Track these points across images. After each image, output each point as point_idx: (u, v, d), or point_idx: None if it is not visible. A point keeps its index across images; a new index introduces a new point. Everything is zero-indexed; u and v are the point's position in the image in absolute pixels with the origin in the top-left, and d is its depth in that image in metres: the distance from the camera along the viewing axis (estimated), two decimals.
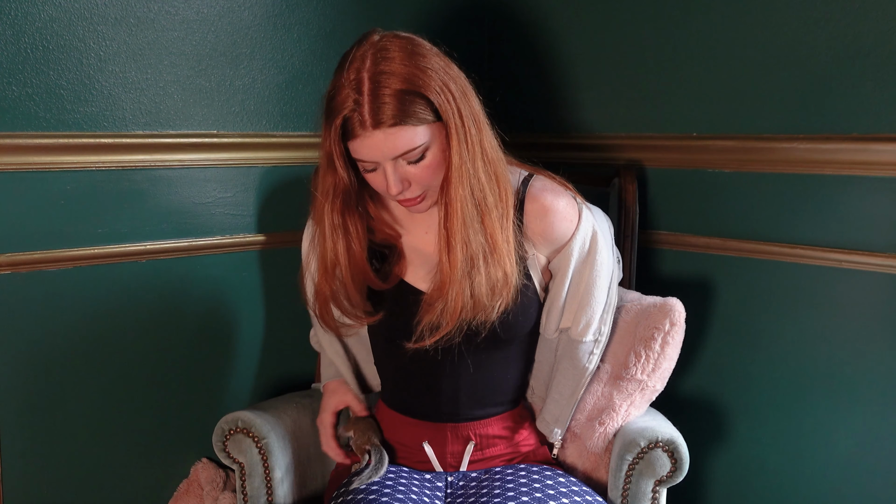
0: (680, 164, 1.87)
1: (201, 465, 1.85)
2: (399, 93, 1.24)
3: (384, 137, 1.26)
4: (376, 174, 1.32)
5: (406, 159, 1.29)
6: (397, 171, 1.30)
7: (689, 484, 1.58)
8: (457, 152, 1.30)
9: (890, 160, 1.56)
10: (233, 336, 1.89)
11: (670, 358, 1.54)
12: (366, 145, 1.27)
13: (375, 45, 1.27)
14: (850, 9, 1.58)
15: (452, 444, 1.51)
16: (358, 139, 1.27)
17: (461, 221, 1.32)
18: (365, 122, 1.25)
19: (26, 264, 1.60)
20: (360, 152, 1.29)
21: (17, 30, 1.54)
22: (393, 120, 1.24)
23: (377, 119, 1.24)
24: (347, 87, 1.26)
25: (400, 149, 1.27)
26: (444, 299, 1.35)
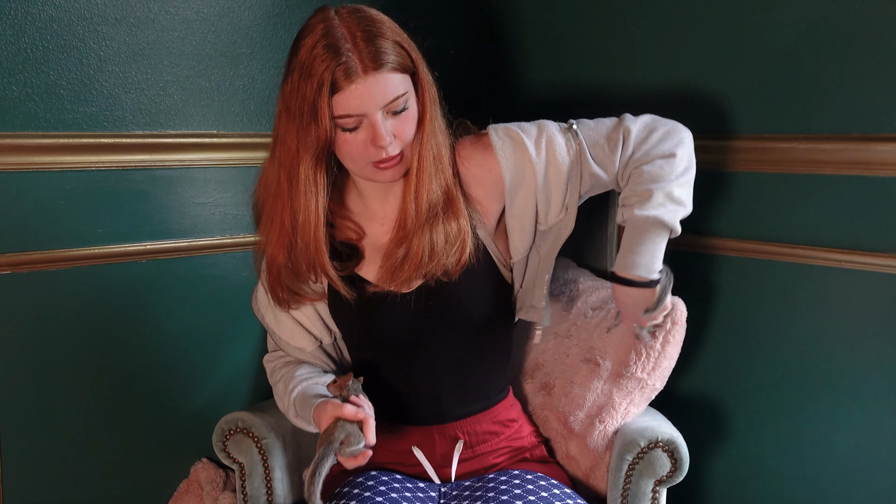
0: None
1: (201, 465, 1.85)
2: (384, 39, 1.27)
3: (375, 83, 1.26)
4: (357, 133, 1.30)
5: (391, 108, 1.29)
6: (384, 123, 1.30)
7: (689, 484, 1.58)
8: (429, 105, 1.34)
9: (890, 160, 1.56)
10: (233, 336, 1.89)
11: (671, 357, 1.54)
12: (358, 94, 1.26)
13: (337, 10, 1.29)
14: (851, 9, 1.58)
15: (441, 445, 1.50)
16: (349, 88, 1.25)
17: (429, 172, 1.36)
18: (355, 69, 1.24)
19: (26, 264, 1.60)
20: (348, 103, 1.26)
21: (17, 30, 1.54)
22: (380, 63, 1.25)
23: (366, 64, 1.25)
24: (325, 42, 1.25)
25: (389, 95, 1.27)
26: (407, 246, 1.37)
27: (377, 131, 1.28)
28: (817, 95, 1.65)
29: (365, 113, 1.27)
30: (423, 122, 1.34)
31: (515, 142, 1.41)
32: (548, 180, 1.41)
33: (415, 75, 1.32)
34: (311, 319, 1.51)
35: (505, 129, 1.43)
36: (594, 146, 1.41)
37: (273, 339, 1.56)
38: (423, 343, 1.46)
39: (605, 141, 1.41)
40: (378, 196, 1.44)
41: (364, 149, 1.31)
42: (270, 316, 1.53)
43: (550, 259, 1.48)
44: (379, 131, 1.28)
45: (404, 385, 1.50)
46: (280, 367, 1.54)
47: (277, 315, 1.51)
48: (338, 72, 1.24)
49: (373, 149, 1.30)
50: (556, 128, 1.43)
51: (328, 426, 1.30)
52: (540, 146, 1.41)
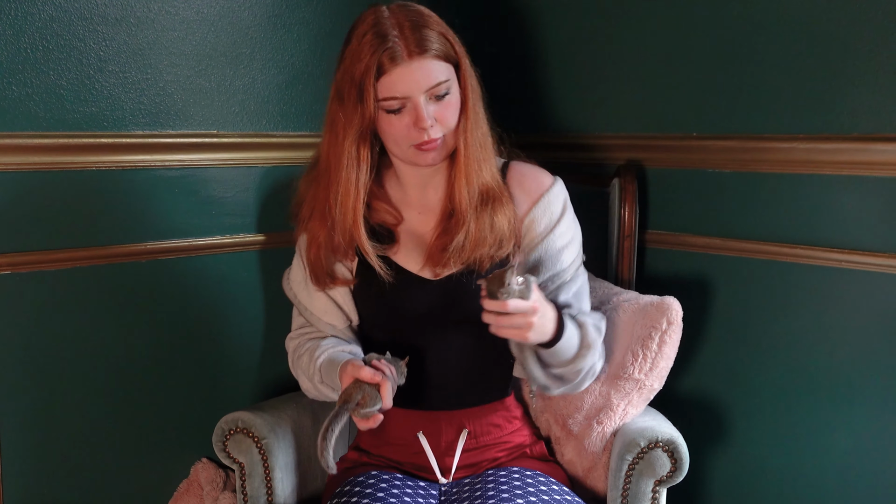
0: (680, 164, 1.87)
1: (201, 465, 1.85)
2: (429, 29, 1.37)
3: (419, 67, 1.35)
4: (401, 116, 1.38)
5: (434, 93, 1.37)
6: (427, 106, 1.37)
7: (689, 484, 1.58)
8: (471, 94, 1.42)
9: (890, 160, 1.56)
10: (233, 336, 1.89)
11: (668, 357, 1.54)
12: (402, 77, 1.34)
13: (394, 5, 1.40)
14: (851, 9, 1.58)
15: (446, 432, 1.52)
16: (394, 71, 1.34)
17: (475, 158, 1.45)
18: (400, 54, 1.34)
19: (26, 264, 1.60)
20: (394, 86, 1.35)
21: (17, 30, 1.54)
22: (424, 49, 1.35)
23: (414, 49, 1.34)
24: (375, 31, 1.35)
25: (432, 80, 1.36)
26: (466, 228, 1.44)
27: (419, 113, 1.36)
28: (817, 95, 1.65)
29: (408, 95, 1.36)
30: (466, 110, 1.42)
31: (558, 213, 1.51)
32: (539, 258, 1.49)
33: (458, 66, 1.41)
34: (344, 299, 1.56)
35: (565, 197, 1.54)
36: (571, 287, 1.50)
37: (304, 315, 1.60)
38: (440, 330, 1.51)
39: (581, 293, 1.52)
40: (418, 184, 1.52)
41: (407, 131, 1.38)
42: (304, 293, 1.58)
43: None
44: (421, 113, 1.36)
45: (416, 368, 1.51)
46: (304, 342, 1.59)
47: (311, 292, 1.56)
48: (384, 56, 1.34)
49: (415, 131, 1.38)
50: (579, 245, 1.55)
51: (347, 386, 1.34)
52: (564, 235, 1.51)
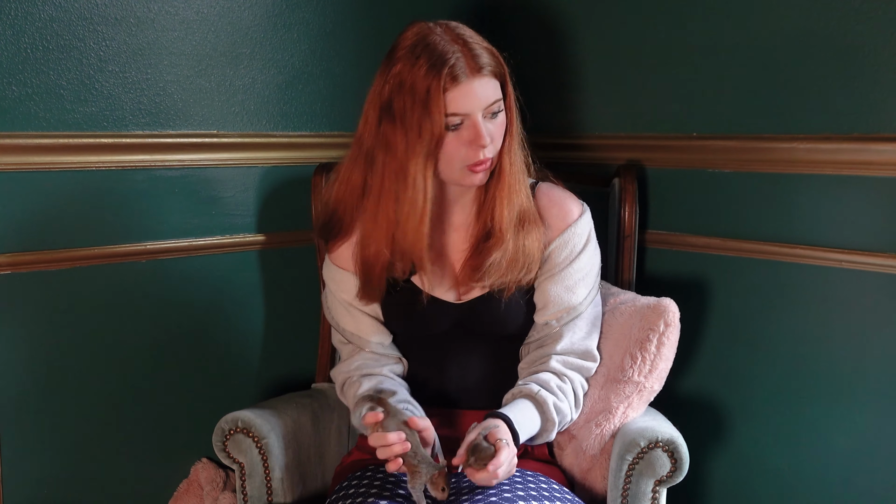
0: (680, 164, 1.87)
1: (201, 465, 1.85)
2: (482, 47, 1.38)
3: (480, 85, 1.36)
4: (458, 133, 1.37)
5: (490, 111, 1.38)
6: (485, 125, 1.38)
7: (689, 484, 1.58)
8: (514, 113, 1.44)
9: (890, 160, 1.56)
10: (233, 336, 1.89)
11: (666, 358, 1.54)
12: (464, 93, 1.34)
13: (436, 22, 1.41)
14: (851, 9, 1.58)
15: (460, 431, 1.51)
16: (457, 88, 1.34)
17: (517, 178, 1.46)
18: (463, 70, 1.34)
19: (26, 264, 1.60)
20: (456, 101, 1.34)
21: (17, 30, 1.54)
22: (485, 67, 1.36)
23: (476, 65, 1.35)
24: (437, 44, 1.35)
25: (491, 97, 1.37)
26: (504, 248, 1.44)
27: (479, 131, 1.37)
28: (817, 95, 1.64)
29: (469, 112, 1.36)
30: (511, 129, 1.44)
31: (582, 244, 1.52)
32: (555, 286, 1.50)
33: (504, 84, 1.42)
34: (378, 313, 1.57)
35: (590, 229, 1.55)
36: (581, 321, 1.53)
37: (352, 340, 1.58)
38: (460, 343, 1.54)
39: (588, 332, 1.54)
40: (447, 204, 1.50)
41: (462, 150, 1.38)
42: (348, 318, 1.57)
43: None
44: (481, 131, 1.37)
45: (434, 373, 1.56)
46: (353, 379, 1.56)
47: (354, 315, 1.56)
48: (448, 72, 1.34)
49: (471, 150, 1.38)
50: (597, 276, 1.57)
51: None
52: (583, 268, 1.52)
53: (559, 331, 1.51)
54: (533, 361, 1.53)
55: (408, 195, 1.39)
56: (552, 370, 1.51)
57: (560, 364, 1.51)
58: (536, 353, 1.54)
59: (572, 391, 1.52)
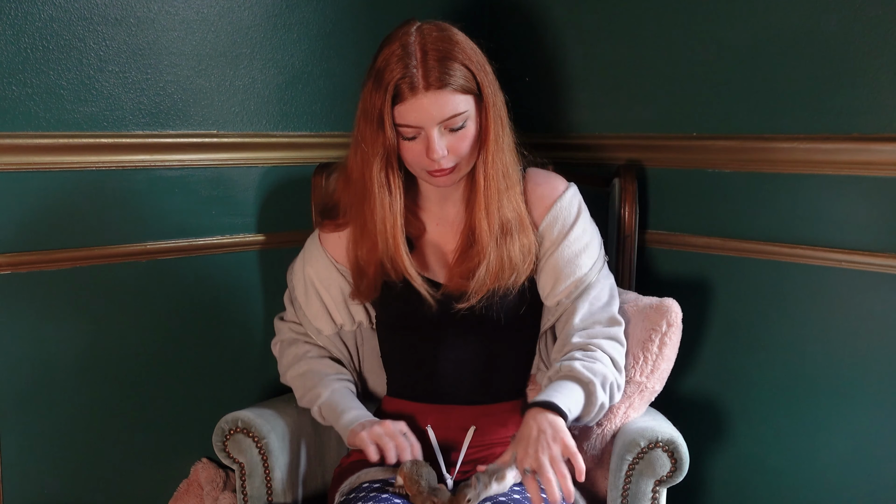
0: (680, 164, 1.87)
1: (201, 465, 1.85)
2: (448, 60, 1.37)
3: (434, 100, 1.36)
4: (415, 143, 1.40)
5: (448, 126, 1.38)
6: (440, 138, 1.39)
7: (689, 484, 1.58)
8: (493, 125, 1.43)
9: (890, 160, 1.56)
10: (233, 336, 1.89)
11: (668, 359, 1.54)
12: (415, 108, 1.36)
13: (420, 26, 1.41)
14: (851, 9, 1.58)
15: (454, 427, 1.52)
16: (408, 102, 1.36)
17: (496, 189, 1.45)
18: (417, 84, 1.35)
19: (26, 264, 1.60)
20: (407, 115, 1.37)
21: (17, 30, 1.54)
22: (442, 83, 1.36)
23: (428, 81, 1.35)
24: (398, 54, 1.36)
25: (446, 113, 1.37)
26: (486, 261, 1.45)
27: (430, 145, 1.38)
28: (817, 95, 1.65)
29: (422, 126, 1.37)
30: (487, 142, 1.43)
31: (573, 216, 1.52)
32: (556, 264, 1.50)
33: (479, 97, 1.41)
34: (337, 307, 1.59)
35: (579, 202, 1.55)
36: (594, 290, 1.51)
37: (297, 311, 1.62)
38: (456, 336, 1.53)
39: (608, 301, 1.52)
40: (437, 198, 1.54)
41: (420, 157, 1.41)
42: (301, 291, 1.61)
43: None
44: (432, 145, 1.38)
45: (429, 366, 1.55)
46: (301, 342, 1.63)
47: (308, 294, 1.59)
48: (402, 84, 1.35)
49: (426, 160, 1.40)
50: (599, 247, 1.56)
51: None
52: (581, 238, 1.52)
53: (573, 306, 1.50)
54: (559, 349, 1.51)
55: (375, 201, 1.43)
56: (575, 347, 1.47)
57: (583, 338, 1.48)
58: (560, 340, 1.52)
59: (603, 353, 1.47)
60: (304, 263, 1.61)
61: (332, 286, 1.58)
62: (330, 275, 1.58)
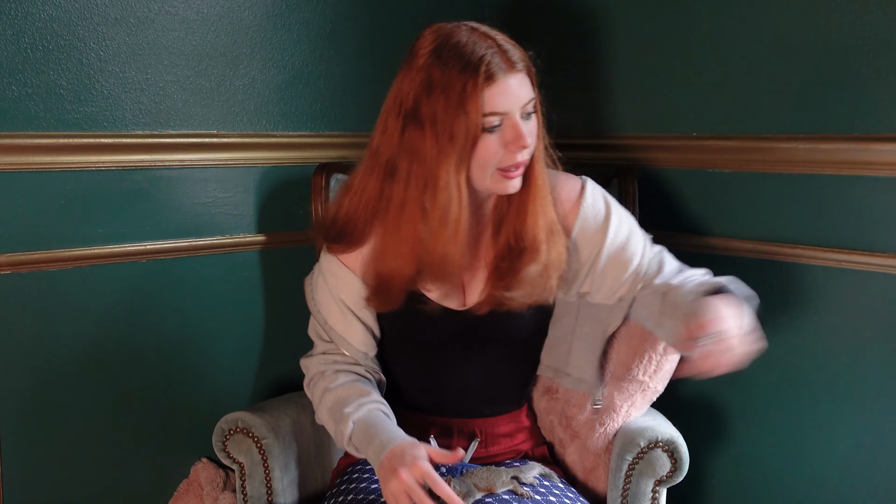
0: (680, 164, 1.87)
1: (201, 465, 1.85)
2: (512, 45, 1.30)
3: (518, 82, 1.28)
4: (495, 134, 1.28)
5: (525, 111, 1.30)
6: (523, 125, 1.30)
7: (689, 484, 1.58)
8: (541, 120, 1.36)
9: (890, 160, 1.56)
10: (233, 336, 1.89)
11: (672, 360, 1.54)
12: (502, 90, 1.26)
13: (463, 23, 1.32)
14: (851, 8, 1.58)
15: (458, 439, 1.52)
16: (495, 85, 1.25)
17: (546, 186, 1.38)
18: (502, 66, 1.25)
19: (26, 264, 1.60)
20: (494, 99, 1.26)
21: (17, 30, 1.54)
22: (518, 62, 1.28)
23: (511, 61, 1.26)
24: (467, 41, 1.26)
25: (526, 96, 1.29)
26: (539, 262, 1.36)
27: (519, 130, 1.28)
28: (817, 95, 1.64)
29: (507, 111, 1.27)
30: (540, 134, 1.36)
31: (603, 210, 1.44)
32: (609, 263, 1.43)
33: (532, 84, 1.33)
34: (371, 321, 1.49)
35: (602, 193, 1.46)
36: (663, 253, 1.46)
37: (336, 340, 1.49)
38: (462, 352, 1.50)
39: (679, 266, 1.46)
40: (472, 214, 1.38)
41: (498, 152, 1.29)
42: (338, 318, 1.48)
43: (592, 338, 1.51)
44: (520, 130, 1.28)
45: (434, 381, 1.53)
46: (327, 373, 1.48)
47: (348, 318, 1.48)
48: (485, 69, 1.24)
49: (507, 153, 1.29)
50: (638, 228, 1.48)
51: None
52: (621, 229, 1.44)
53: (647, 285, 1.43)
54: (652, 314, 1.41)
55: (439, 204, 1.29)
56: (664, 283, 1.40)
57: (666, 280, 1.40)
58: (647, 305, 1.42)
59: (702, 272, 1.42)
60: (329, 289, 1.48)
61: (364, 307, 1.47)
62: (359, 290, 1.46)
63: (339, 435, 1.41)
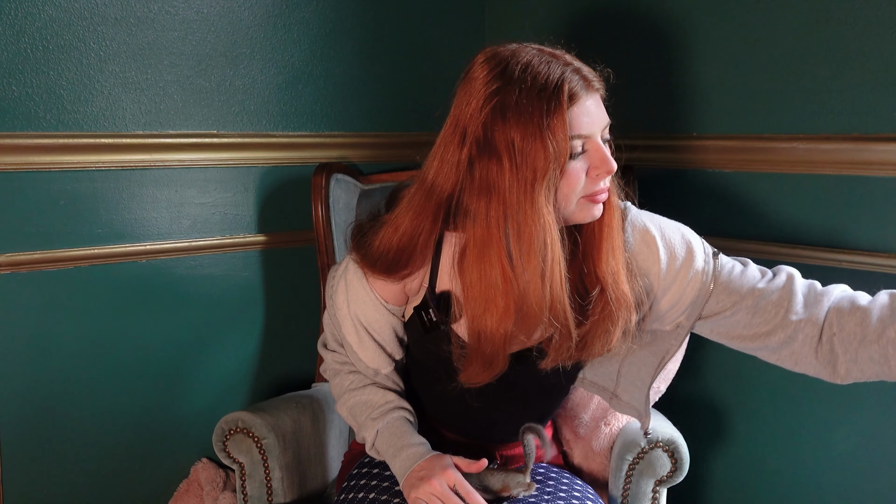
0: (680, 164, 1.87)
1: (201, 465, 1.85)
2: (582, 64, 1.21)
3: (595, 103, 1.19)
4: (577, 160, 1.18)
5: (604, 135, 1.21)
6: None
7: (689, 484, 1.58)
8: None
9: (890, 160, 1.56)
10: (233, 336, 1.89)
11: (676, 359, 1.54)
12: (585, 111, 1.16)
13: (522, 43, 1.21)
14: (851, 9, 1.58)
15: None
16: (578, 106, 1.15)
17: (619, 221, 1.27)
18: (582, 85, 1.16)
19: (26, 264, 1.60)
20: (579, 120, 1.15)
21: (17, 30, 1.54)
22: (600, 82, 1.20)
23: (588, 80, 1.18)
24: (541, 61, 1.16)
25: (606, 117, 1.20)
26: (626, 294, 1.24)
27: (604, 154, 1.18)
28: (817, 95, 1.65)
29: (590, 134, 1.18)
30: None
31: (647, 246, 1.31)
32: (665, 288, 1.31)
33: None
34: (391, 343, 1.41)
35: (643, 229, 1.32)
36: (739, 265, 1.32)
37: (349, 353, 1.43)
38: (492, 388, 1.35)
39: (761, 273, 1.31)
40: None
41: (581, 179, 1.19)
42: (352, 332, 1.40)
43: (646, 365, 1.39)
44: (606, 153, 1.18)
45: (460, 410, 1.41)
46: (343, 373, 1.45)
47: (360, 336, 1.39)
48: (569, 90, 1.15)
49: (590, 179, 1.19)
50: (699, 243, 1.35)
51: None
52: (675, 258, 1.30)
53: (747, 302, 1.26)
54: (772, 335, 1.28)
55: (535, 244, 1.15)
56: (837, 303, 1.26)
57: (816, 304, 1.25)
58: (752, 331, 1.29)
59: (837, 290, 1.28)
60: (348, 302, 1.38)
61: (383, 326, 1.38)
62: (381, 315, 1.37)
63: (360, 436, 1.40)
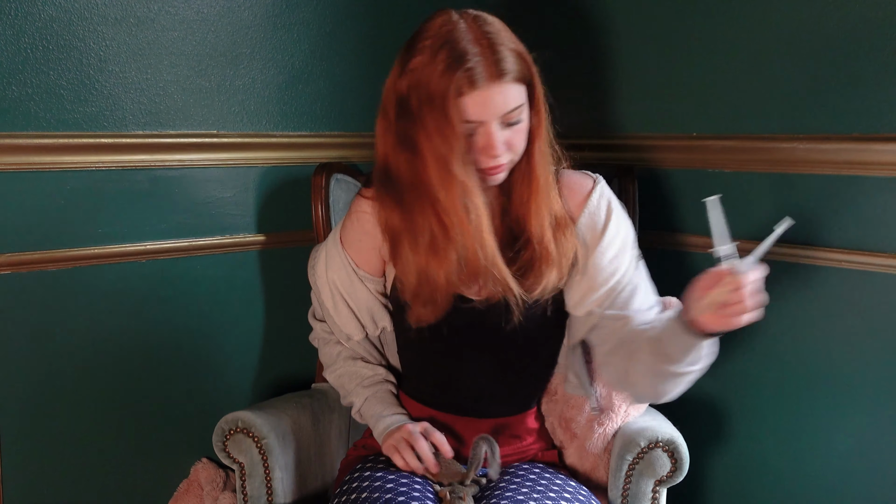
0: (680, 164, 1.87)
1: (201, 465, 1.85)
2: (510, 50, 1.28)
3: (497, 91, 1.26)
4: (471, 138, 1.29)
5: (507, 120, 1.29)
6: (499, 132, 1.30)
7: (689, 484, 1.58)
8: (543, 116, 1.36)
9: (890, 160, 1.56)
10: (233, 336, 1.89)
11: None
12: (479, 100, 1.26)
13: (468, 14, 1.30)
14: (850, 8, 1.58)
15: (469, 440, 1.50)
16: (472, 94, 1.25)
17: (546, 183, 1.38)
18: (482, 75, 1.24)
19: (26, 264, 1.60)
20: (469, 109, 1.26)
21: (17, 30, 1.54)
22: (507, 73, 1.26)
23: (497, 71, 1.25)
24: (458, 42, 1.25)
25: (509, 105, 1.28)
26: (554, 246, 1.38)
27: (491, 141, 1.29)
28: (817, 95, 1.65)
29: (483, 121, 1.28)
30: (540, 134, 1.36)
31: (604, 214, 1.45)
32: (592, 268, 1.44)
33: (531, 87, 1.32)
34: (364, 313, 1.53)
35: (609, 196, 1.47)
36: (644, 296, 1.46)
37: (325, 316, 1.59)
38: (476, 348, 1.49)
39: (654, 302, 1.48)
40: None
41: (474, 154, 1.31)
42: (328, 296, 1.54)
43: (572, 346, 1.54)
44: (492, 141, 1.29)
45: (447, 378, 1.53)
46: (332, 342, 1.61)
47: (335, 300, 1.53)
48: (464, 76, 1.24)
49: (483, 156, 1.31)
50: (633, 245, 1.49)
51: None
52: (615, 239, 1.44)
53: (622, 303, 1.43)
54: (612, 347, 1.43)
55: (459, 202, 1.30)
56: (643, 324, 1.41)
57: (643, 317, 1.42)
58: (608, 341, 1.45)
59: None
60: (326, 267, 1.54)
61: (356, 292, 1.51)
62: (352, 282, 1.51)
63: (347, 401, 1.59)
